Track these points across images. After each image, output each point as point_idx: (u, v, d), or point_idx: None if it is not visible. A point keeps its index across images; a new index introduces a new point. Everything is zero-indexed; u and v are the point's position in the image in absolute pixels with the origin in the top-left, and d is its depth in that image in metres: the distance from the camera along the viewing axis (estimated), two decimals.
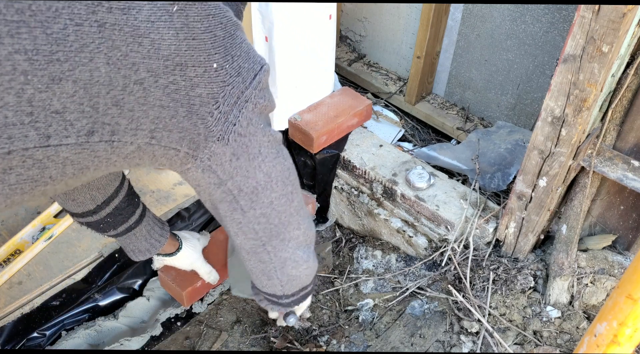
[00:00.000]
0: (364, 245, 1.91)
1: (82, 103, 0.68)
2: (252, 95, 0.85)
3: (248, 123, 0.85)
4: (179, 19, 0.74)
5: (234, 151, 0.85)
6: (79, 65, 0.67)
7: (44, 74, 0.64)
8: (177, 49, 0.74)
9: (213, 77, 0.79)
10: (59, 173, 0.74)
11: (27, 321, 1.52)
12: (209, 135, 0.82)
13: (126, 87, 0.71)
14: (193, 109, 0.79)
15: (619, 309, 0.79)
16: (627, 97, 1.27)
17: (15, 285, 1.51)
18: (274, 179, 0.92)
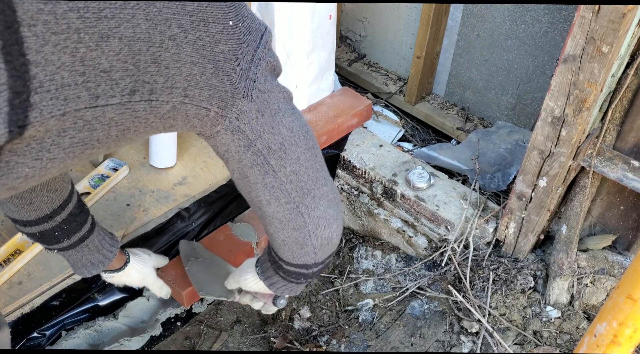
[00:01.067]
0: (364, 245, 1.91)
1: (126, 61, 0.71)
2: (263, 54, 0.87)
3: (265, 79, 0.88)
4: None
5: (259, 107, 0.87)
6: (123, 22, 0.70)
7: (94, 32, 0.67)
8: (199, 5, 0.77)
9: (231, 34, 0.83)
10: (105, 135, 0.77)
11: (27, 321, 1.52)
12: (235, 92, 0.84)
13: (162, 43, 0.74)
14: (219, 65, 0.81)
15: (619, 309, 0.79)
16: (627, 97, 1.27)
17: (15, 284, 1.51)
18: (296, 133, 0.93)
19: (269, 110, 0.89)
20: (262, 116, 0.88)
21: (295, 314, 1.72)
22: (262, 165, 0.92)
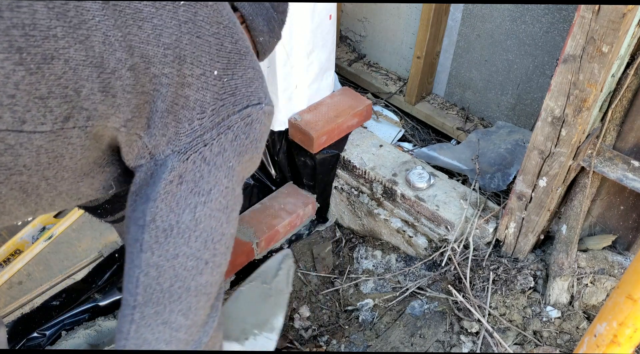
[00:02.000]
0: (364, 245, 1.91)
1: (67, 86, 0.65)
2: (236, 125, 0.76)
3: (220, 151, 0.75)
4: (185, 13, 0.73)
5: (184, 173, 0.73)
6: (75, 43, 0.64)
7: (37, 52, 0.62)
8: (178, 40, 0.71)
9: (210, 84, 0.74)
10: (34, 162, 0.69)
11: (27, 321, 1.52)
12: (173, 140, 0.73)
13: (116, 71, 0.68)
14: (173, 108, 0.73)
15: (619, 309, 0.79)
16: (627, 97, 1.27)
17: (15, 285, 1.51)
18: (198, 231, 0.74)
19: (193, 183, 0.73)
20: (178, 184, 0.73)
21: (295, 314, 1.72)
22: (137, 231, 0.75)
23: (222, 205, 0.76)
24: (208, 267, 0.76)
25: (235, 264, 1.77)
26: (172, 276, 0.74)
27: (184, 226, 0.73)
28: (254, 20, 0.93)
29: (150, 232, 0.73)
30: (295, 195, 1.95)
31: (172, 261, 0.73)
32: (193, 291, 0.76)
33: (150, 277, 0.73)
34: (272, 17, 0.97)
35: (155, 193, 0.72)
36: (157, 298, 0.74)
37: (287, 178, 2.00)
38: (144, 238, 0.73)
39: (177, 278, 0.74)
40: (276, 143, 1.90)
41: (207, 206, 0.74)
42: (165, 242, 0.73)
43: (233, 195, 0.78)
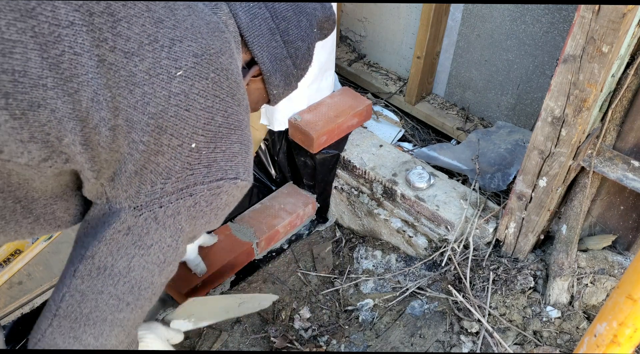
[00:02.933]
0: (364, 245, 1.91)
1: (49, 133, 0.66)
2: (200, 193, 0.78)
3: (173, 214, 0.78)
4: (179, 85, 0.72)
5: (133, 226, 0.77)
6: (64, 95, 0.64)
7: (24, 98, 0.62)
8: (163, 111, 0.71)
9: (184, 155, 0.75)
10: (5, 184, 0.71)
11: (27, 321, 1.52)
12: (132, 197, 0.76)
13: (97, 128, 0.69)
14: (141, 172, 0.74)
15: (619, 309, 0.79)
16: (627, 97, 1.27)
17: (15, 285, 1.51)
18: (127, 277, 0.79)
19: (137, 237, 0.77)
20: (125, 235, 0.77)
21: (295, 314, 1.72)
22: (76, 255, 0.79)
23: (159, 260, 0.81)
24: (129, 307, 0.82)
25: (235, 264, 1.77)
26: (93, 306, 0.80)
27: (117, 271, 0.79)
28: (272, 76, 0.94)
29: (87, 265, 0.78)
30: (295, 195, 1.95)
31: (96, 295, 0.79)
32: (108, 323, 0.82)
33: (74, 300, 0.79)
34: (291, 74, 0.97)
35: (102, 236, 0.77)
36: (75, 316, 0.80)
37: (287, 178, 2.00)
38: (79, 267, 0.79)
39: (97, 309, 0.80)
40: (276, 143, 1.90)
41: (144, 258, 0.79)
42: (96, 277, 0.79)
43: (175, 251, 0.82)
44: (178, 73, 0.72)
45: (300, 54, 0.96)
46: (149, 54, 0.70)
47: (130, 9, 0.69)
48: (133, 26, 0.69)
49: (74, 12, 0.64)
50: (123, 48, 0.68)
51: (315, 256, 1.91)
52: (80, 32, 0.64)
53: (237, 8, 0.87)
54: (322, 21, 0.99)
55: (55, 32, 0.63)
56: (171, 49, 0.72)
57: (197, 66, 0.74)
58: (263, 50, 0.90)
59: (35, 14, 0.61)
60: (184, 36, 0.73)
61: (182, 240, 0.82)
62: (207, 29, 0.77)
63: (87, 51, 0.65)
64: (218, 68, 0.76)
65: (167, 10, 0.73)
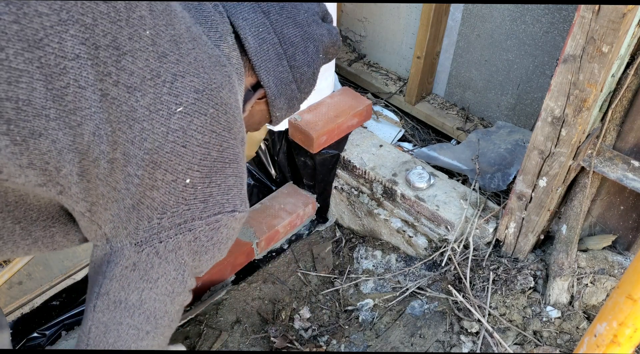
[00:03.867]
0: (364, 245, 1.91)
1: (48, 162, 0.66)
2: (199, 228, 0.79)
3: (174, 249, 0.80)
4: (178, 121, 0.72)
5: (138, 262, 0.80)
6: (66, 127, 0.65)
7: (25, 126, 0.62)
8: (159, 147, 0.72)
9: (178, 190, 0.76)
10: (3, 202, 0.72)
11: (27, 321, 1.52)
12: (132, 234, 0.78)
13: (97, 161, 0.69)
14: (138, 206, 0.76)
15: (619, 309, 0.79)
16: (627, 97, 1.27)
17: (15, 285, 1.51)
18: (142, 309, 0.83)
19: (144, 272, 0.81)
20: (132, 271, 0.80)
21: (295, 314, 1.72)
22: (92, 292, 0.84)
23: (168, 291, 0.84)
24: (149, 336, 0.86)
25: (235, 264, 1.77)
26: (116, 336, 0.84)
27: (131, 304, 0.82)
28: (276, 100, 0.96)
29: (103, 301, 0.82)
30: (295, 195, 1.95)
31: (117, 326, 0.83)
32: (133, 350, 0.86)
33: (99, 331, 0.84)
34: (295, 97, 0.99)
35: (112, 274, 0.81)
36: (103, 346, 0.85)
37: (287, 178, 2.00)
38: (97, 303, 0.83)
39: (120, 338, 0.84)
40: (276, 143, 1.90)
41: (153, 291, 0.82)
42: (114, 311, 0.83)
43: (182, 284, 0.85)
44: (178, 110, 0.72)
45: (306, 78, 0.97)
46: (150, 89, 0.70)
47: (135, 43, 0.69)
48: (137, 60, 0.69)
49: (80, 45, 0.64)
50: (126, 82, 0.68)
51: (315, 256, 1.91)
52: (85, 66, 0.65)
53: (247, 33, 0.88)
54: (328, 46, 1.01)
55: (61, 64, 0.63)
56: (173, 85, 0.72)
57: (198, 102, 0.74)
58: (270, 74, 0.92)
59: (42, 44, 0.62)
60: (186, 71, 0.74)
61: (188, 273, 0.84)
62: (210, 63, 0.78)
63: (92, 85, 0.65)
64: (217, 103, 0.77)
65: (172, 44, 0.73)
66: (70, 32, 0.63)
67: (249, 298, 1.75)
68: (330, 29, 1.01)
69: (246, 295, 1.76)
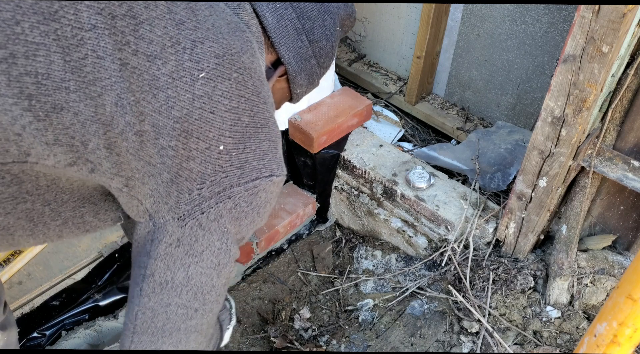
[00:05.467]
0: (364, 245, 1.91)
1: (74, 137, 0.66)
2: (238, 195, 0.78)
3: (216, 218, 0.79)
4: (202, 86, 0.72)
5: (182, 237, 0.78)
6: (86, 98, 0.65)
7: (47, 101, 0.62)
8: (188, 115, 0.71)
9: (214, 158, 0.75)
10: (34, 187, 0.71)
11: (27, 321, 1.52)
12: (174, 208, 0.77)
13: (124, 133, 0.69)
14: (177, 179, 0.75)
15: (619, 309, 0.79)
16: (627, 97, 1.27)
17: (15, 285, 1.51)
18: (189, 286, 0.82)
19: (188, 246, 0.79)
20: (176, 247, 0.79)
21: (295, 314, 1.72)
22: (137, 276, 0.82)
23: (214, 263, 0.82)
24: (198, 313, 0.85)
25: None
26: (165, 319, 0.83)
27: (178, 282, 0.81)
28: (297, 76, 0.95)
29: (149, 283, 0.81)
30: (295, 195, 1.95)
31: (165, 308, 0.82)
32: (183, 331, 0.85)
33: (147, 316, 0.83)
34: (315, 72, 0.98)
35: (156, 253, 0.79)
36: (152, 331, 0.84)
37: (287, 178, 2.00)
38: (143, 286, 0.81)
39: (169, 320, 0.83)
40: None
41: (199, 265, 0.81)
42: (160, 293, 0.81)
43: (227, 253, 0.83)
44: (200, 76, 0.71)
45: (325, 52, 0.97)
46: (171, 56, 0.70)
47: (152, 11, 0.69)
48: (155, 28, 0.69)
49: (97, 16, 0.64)
50: (145, 51, 0.68)
51: (315, 256, 1.91)
52: (102, 36, 0.64)
53: (264, 9, 0.87)
54: (344, 18, 1.00)
55: (78, 35, 0.63)
56: (193, 51, 0.71)
57: (219, 67, 0.73)
58: (289, 50, 0.91)
59: (58, 16, 0.62)
60: (205, 37, 0.73)
61: (231, 241, 0.83)
62: (228, 29, 0.77)
63: (110, 54, 0.65)
64: (241, 68, 0.76)
65: (189, 11, 0.73)
66: (86, 3, 0.63)
67: (249, 298, 1.75)
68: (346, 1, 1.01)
69: (246, 295, 1.76)
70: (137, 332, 0.83)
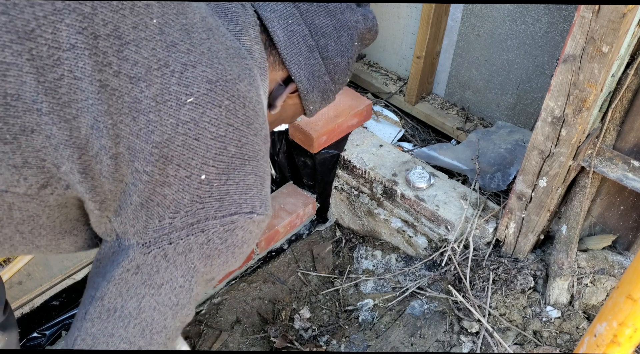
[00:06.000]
0: (364, 245, 1.91)
1: (45, 159, 0.63)
2: (212, 229, 0.73)
3: (184, 251, 0.73)
4: (189, 112, 0.68)
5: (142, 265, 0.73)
6: (60, 121, 0.61)
7: (15, 123, 0.59)
8: (169, 140, 0.67)
9: (193, 187, 0.70)
10: (5, 215, 0.68)
11: (27, 321, 1.52)
12: (140, 233, 0.72)
13: (98, 157, 0.65)
14: (147, 204, 0.70)
15: (619, 309, 0.79)
16: (627, 97, 1.27)
17: (15, 285, 1.51)
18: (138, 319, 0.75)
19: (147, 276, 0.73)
20: (134, 274, 0.73)
21: (295, 314, 1.72)
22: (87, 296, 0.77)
23: (172, 302, 0.76)
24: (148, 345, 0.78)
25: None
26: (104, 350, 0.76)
27: (127, 313, 0.75)
28: (309, 93, 0.91)
29: (96, 307, 0.75)
30: (295, 195, 1.95)
31: (107, 338, 0.76)
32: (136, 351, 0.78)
33: (86, 344, 0.76)
34: (329, 89, 0.94)
35: (111, 276, 0.74)
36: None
37: (287, 178, 2.00)
38: (90, 309, 0.76)
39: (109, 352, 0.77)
40: (276, 143, 1.90)
41: (154, 299, 0.75)
42: (106, 320, 0.75)
43: (188, 293, 0.77)
44: (188, 100, 0.68)
45: (339, 69, 0.93)
46: (157, 79, 0.66)
47: (141, 32, 0.65)
48: (142, 50, 0.65)
49: (77, 35, 0.61)
50: (129, 73, 0.64)
51: (315, 256, 1.91)
52: (82, 56, 0.61)
53: (275, 25, 0.84)
54: (364, 33, 0.95)
55: (55, 55, 0.60)
56: (182, 75, 0.68)
57: (210, 93, 0.70)
58: (301, 68, 0.87)
59: (34, 36, 0.59)
60: (197, 61, 0.69)
61: (196, 280, 0.77)
62: (226, 54, 0.73)
63: (89, 76, 0.62)
64: (234, 96, 0.72)
65: (183, 34, 0.69)
66: (66, 22, 0.60)
67: (249, 298, 1.75)
68: (366, 13, 0.95)
69: (246, 295, 1.76)
70: None
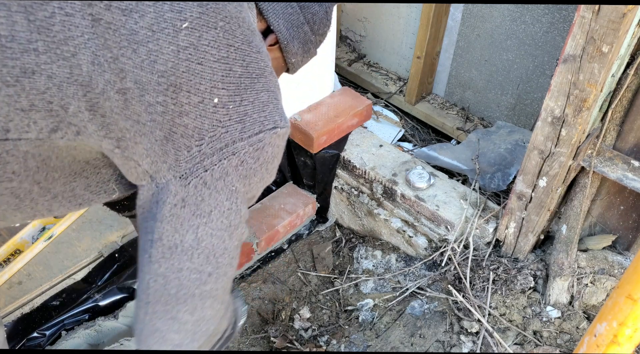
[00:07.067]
0: (364, 245, 1.91)
1: (51, 101, 0.63)
2: (243, 150, 0.74)
3: (221, 176, 0.75)
4: (187, 37, 0.68)
5: (186, 197, 0.74)
6: (59, 59, 0.61)
7: (15, 65, 0.59)
8: (174, 68, 0.67)
9: (209, 112, 0.71)
10: (22, 168, 0.69)
11: (27, 321, 1.52)
12: (174, 167, 0.73)
13: (105, 93, 0.65)
14: (171, 137, 0.71)
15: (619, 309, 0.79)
16: (627, 97, 1.27)
17: (15, 284, 1.51)
18: (200, 249, 0.77)
19: (195, 206, 0.75)
20: (182, 207, 0.74)
21: (295, 314, 1.72)
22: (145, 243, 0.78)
23: (224, 225, 0.78)
24: (212, 277, 0.81)
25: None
26: (177, 285, 0.78)
27: (187, 245, 0.76)
28: (289, 44, 0.91)
29: (157, 248, 0.76)
30: (295, 195, 1.95)
31: (177, 273, 0.78)
32: (197, 297, 0.81)
33: (159, 284, 0.78)
34: (309, 40, 0.94)
35: (161, 215, 0.75)
36: (165, 300, 0.79)
37: (287, 178, 2.00)
38: (152, 252, 0.77)
39: (182, 287, 0.79)
40: None
41: (209, 226, 0.77)
42: (170, 258, 0.77)
43: (237, 214, 0.79)
44: (184, 26, 0.68)
45: (318, 18, 0.93)
46: (149, 8, 0.66)
47: None
48: None
49: None
50: (119, 5, 0.64)
51: (315, 256, 1.91)
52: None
53: None
54: None
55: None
56: (174, 1, 0.68)
57: (203, 16, 0.70)
58: (279, 17, 0.87)
59: None
60: None
61: (241, 201, 0.79)
62: None
63: (79, 11, 0.62)
64: (227, 17, 0.72)
65: None
66: None
67: (249, 298, 1.75)
68: None
69: (246, 295, 1.76)
70: (151, 302, 0.79)
